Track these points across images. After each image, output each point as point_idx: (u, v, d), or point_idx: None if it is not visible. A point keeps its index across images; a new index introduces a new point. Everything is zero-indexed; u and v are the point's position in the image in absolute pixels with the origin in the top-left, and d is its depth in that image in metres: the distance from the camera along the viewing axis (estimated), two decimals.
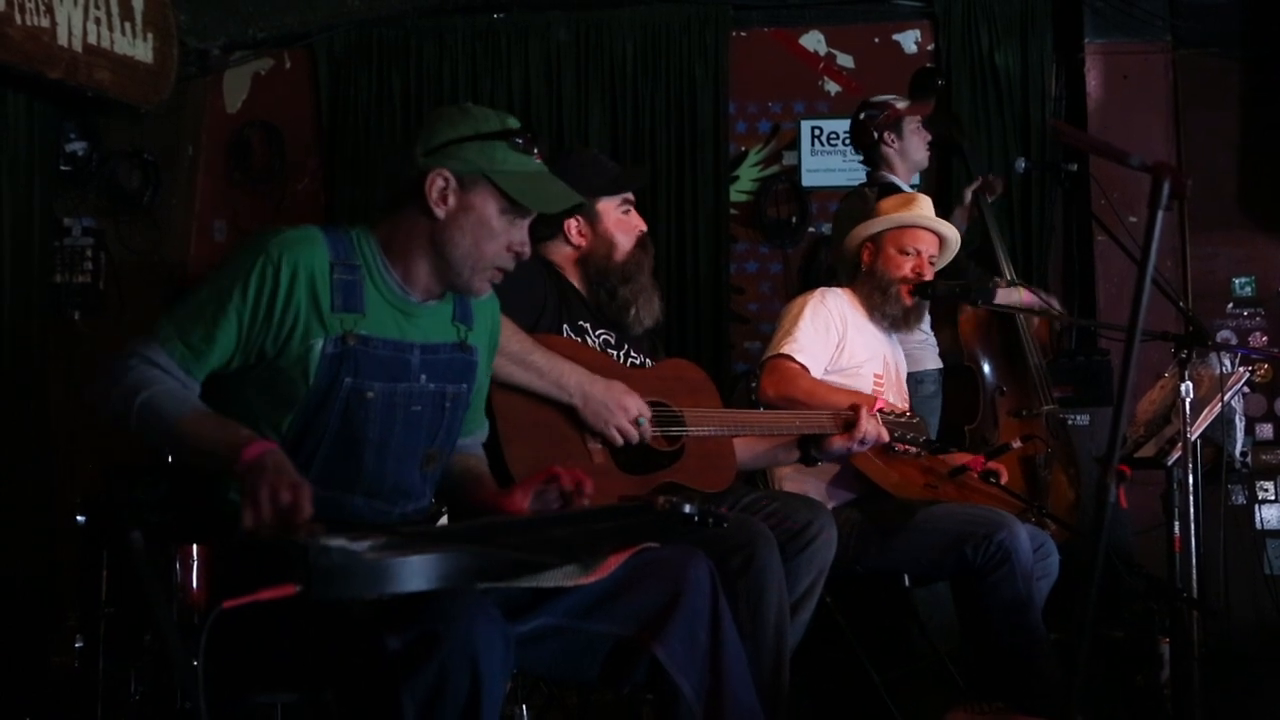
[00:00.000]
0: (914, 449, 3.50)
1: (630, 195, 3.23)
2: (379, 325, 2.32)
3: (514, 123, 2.39)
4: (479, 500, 2.51)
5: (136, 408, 2.17)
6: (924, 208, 3.85)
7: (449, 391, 2.41)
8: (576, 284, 3.22)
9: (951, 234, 3.87)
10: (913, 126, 4.70)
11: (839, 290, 3.84)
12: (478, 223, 2.33)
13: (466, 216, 2.33)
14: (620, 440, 2.93)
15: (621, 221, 3.20)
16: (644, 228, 3.25)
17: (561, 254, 3.21)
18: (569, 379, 2.88)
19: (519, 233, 2.38)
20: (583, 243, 3.19)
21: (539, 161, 2.40)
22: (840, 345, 3.70)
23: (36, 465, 5.33)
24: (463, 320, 2.46)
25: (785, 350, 3.60)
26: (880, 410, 3.39)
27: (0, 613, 4.74)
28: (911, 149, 4.70)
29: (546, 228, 3.15)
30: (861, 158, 4.87)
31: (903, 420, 3.46)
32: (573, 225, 3.17)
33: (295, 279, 2.25)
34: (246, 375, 2.30)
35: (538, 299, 3.06)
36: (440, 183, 2.32)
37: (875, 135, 4.67)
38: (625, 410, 2.90)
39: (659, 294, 3.25)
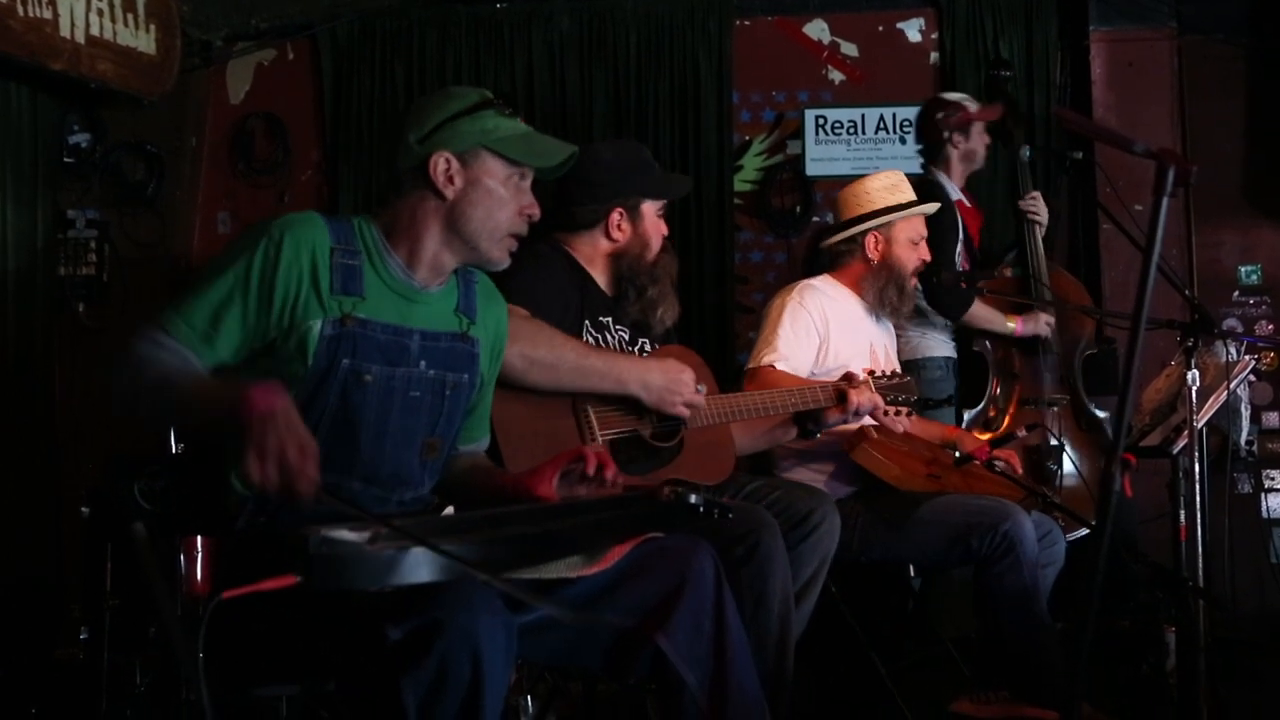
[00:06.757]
0: (905, 410, 3.56)
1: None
2: (379, 309, 2.34)
3: (489, 93, 2.46)
4: (495, 486, 2.51)
5: (144, 386, 2.17)
6: (907, 185, 3.86)
7: (449, 380, 2.42)
8: (600, 278, 3.25)
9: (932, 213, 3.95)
10: (979, 129, 4.73)
11: (818, 283, 3.79)
12: (487, 193, 2.40)
13: (475, 189, 2.39)
14: (688, 414, 3.04)
15: (657, 224, 3.30)
16: (667, 232, 3.35)
17: (595, 246, 3.26)
18: (628, 375, 2.98)
19: (526, 195, 2.45)
20: (620, 238, 3.26)
21: (523, 124, 2.47)
22: (823, 347, 3.68)
23: (41, 458, 5.34)
24: (465, 313, 2.48)
25: (767, 361, 3.60)
26: (870, 373, 3.47)
27: (5, 605, 4.75)
28: (975, 152, 4.74)
29: (588, 218, 3.23)
30: (920, 148, 4.87)
31: (894, 383, 3.51)
32: (615, 219, 3.24)
33: (297, 256, 2.28)
34: (250, 362, 2.30)
35: (556, 296, 3.10)
36: (443, 164, 2.38)
37: (945, 135, 4.68)
38: (686, 384, 3.02)
39: (678, 299, 3.35)
